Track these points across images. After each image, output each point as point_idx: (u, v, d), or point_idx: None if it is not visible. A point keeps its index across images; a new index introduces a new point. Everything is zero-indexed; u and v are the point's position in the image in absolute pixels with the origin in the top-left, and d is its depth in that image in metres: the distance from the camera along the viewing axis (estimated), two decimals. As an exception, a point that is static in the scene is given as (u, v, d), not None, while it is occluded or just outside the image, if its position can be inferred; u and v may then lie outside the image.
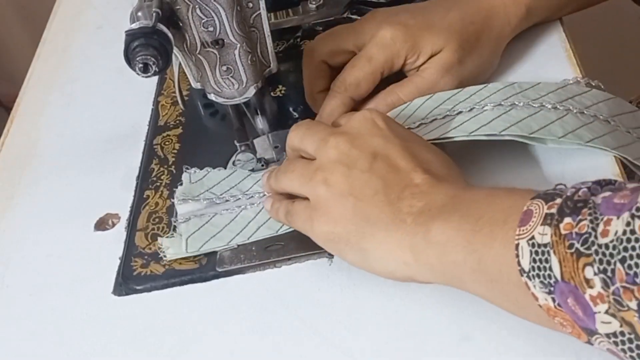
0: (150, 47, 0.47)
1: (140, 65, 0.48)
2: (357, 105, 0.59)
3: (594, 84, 0.57)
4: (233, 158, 0.61)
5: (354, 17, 0.71)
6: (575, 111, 0.53)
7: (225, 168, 0.61)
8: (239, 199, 0.58)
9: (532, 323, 0.44)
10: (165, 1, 0.49)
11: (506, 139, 0.52)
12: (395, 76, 0.59)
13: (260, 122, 0.57)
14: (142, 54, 0.47)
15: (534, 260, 0.38)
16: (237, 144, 0.58)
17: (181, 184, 0.60)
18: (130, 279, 0.56)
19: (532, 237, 0.38)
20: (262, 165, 0.59)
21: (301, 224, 0.50)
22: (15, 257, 0.61)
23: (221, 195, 0.59)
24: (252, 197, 0.58)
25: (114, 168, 0.66)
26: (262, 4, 0.52)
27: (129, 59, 0.48)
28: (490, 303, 0.44)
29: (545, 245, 0.38)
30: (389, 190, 0.46)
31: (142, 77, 0.48)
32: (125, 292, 0.55)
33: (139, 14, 0.48)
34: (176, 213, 0.58)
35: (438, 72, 0.57)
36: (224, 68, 0.53)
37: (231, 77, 0.54)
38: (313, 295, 0.51)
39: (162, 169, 0.63)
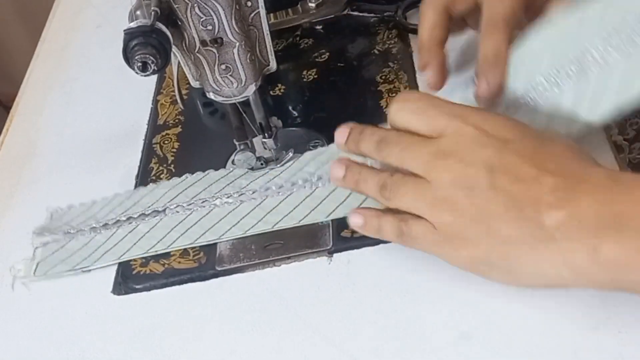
0: (149, 45, 0.47)
1: (139, 64, 0.48)
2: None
3: None
4: (232, 157, 0.61)
5: (354, 14, 0.71)
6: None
7: (225, 167, 0.61)
8: (94, 227, 0.59)
9: (531, 320, 0.44)
10: (164, 0, 0.49)
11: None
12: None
13: (267, 143, 0.58)
14: (141, 53, 0.47)
15: None
16: (236, 143, 0.58)
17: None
18: (129, 278, 0.56)
19: None
20: (262, 164, 0.59)
21: (428, 249, 0.47)
22: (15, 256, 0.61)
23: (77, 225, 0.59)
24: (106, 224, 0.59)
25: (113, 167, 0.65)
26: (261, 3, 0.52)
27: (128, 57, 0.48)
28: None
29: None
30: (521, 204, 0.42)
31: (141, 75, 0.48)
32: (124, 291, 0.55)
33: (138, 12, 0.48)
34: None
35: None
36: (223, 67, 0.53)
37: (230, 75, 0.54)
38: (312, 294, 0.51)
39: (161, 168, 0.63)
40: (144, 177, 0.63)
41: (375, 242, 0.52)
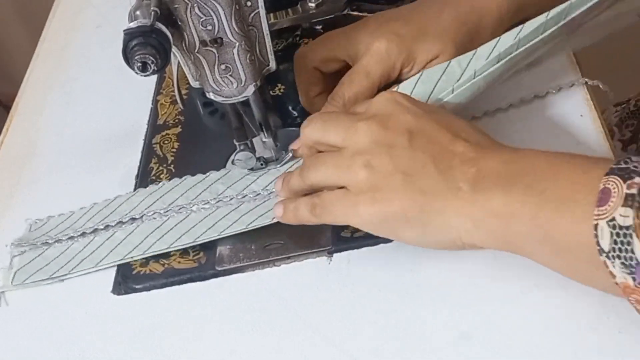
0: (148, 46, 0.47)
1: (139, 64, 0.48)
2: None
3: (591, 84, 0.57)
4: (232, 157, 0.61)
5: (354, 14, 0.71)
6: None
7: (225, 167, 0.61)
8: (72, 236, 0.59)
9: (531, 320, 0.44)
10: (163, 0, 0.49)
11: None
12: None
13: (266, 143, 0.58)
14: (141, 53, 0.47)
15: (615, 242, 0.38)
16: (236, 143, 0.58)
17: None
18: (129, 278, 0.56)
19: (613, 219, 0.38)
20: (262, 165, 0.59)
21: (341, 212, 0.48)
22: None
23: (55, 235, 0.59)
24: (84, 232, 0.59)
25: (113, 167, 0.66)
26: (261, 3, 0.52)
27: (128, 58, 0.48)
28: (549, 269, 0.44)
29: (627, 228, 0.38)
30: (437, 162, 0.46)
31: (141, 76, 0.48)
32: (124, 291, 0.56)
33: (138, 12, 0.48)
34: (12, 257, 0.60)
35: None
36: (223, 67, 0.53)
37: (230, 75, 0.54)
38: (312, 294, 0.51)
39: (161, 168, 0.63)
40: (144, 177, 0.63)
41: (375, 242, 0.52)
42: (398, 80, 0.58)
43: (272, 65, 0.56)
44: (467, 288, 0.48)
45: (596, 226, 0.39)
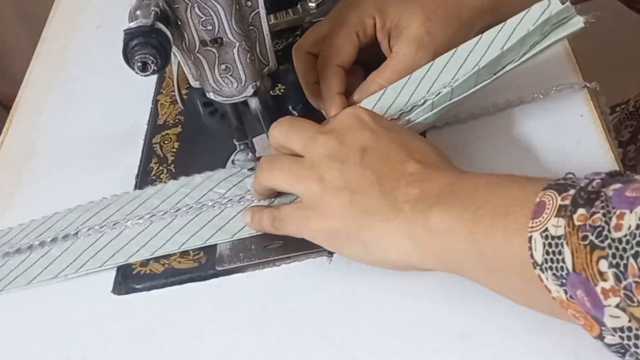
0: (149, 45, 0.47)
1: (139, 64, 0.48)
2: (346, 97, 0.59)
3: (590, 86, 0.57)
4: (232, 157, 0.61)
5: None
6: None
7: (225, 167, 0.61)
8: (8, 252, 0.59)
9: (531, 320, 0.44)
10: (164, 0, 0.49)
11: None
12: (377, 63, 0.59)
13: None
14: (141, 53, 0.47)
15: (547, 253, 0.38)
16: (236, 143, 0.58)
17: None
18: (129, 278, 0.56)
19: (546, 229, 0.38)
20: (262, 164, 0.59)
21: (294, 226, 0.50)
22: (15, 256, 0.61)
23: (16, 243, 0.60)
24: (19, 249, 0.59)
25: (113, 167, 0.66)
26: (261, 3, 0.52)
27: (128, 57, 0.48)
28: (491, 290, 0.44)
29: (559, 237, 0.38)
30: (384, 181, 0.47)
31: (141, 76, 0.48)
32: (124, 291, 0.56)
33: (138, 12, 0.48)
34: None
35: (410, 48, 0.57)
36: (223, 67, 0.53)
37: (230, 75, 0.54)
38: (312, 294, 0.51)
39: (161, 167, 0.63)
40: (144, 177, 0.63)
41: (375, 242, 0.52)
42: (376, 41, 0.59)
43: (273, 65, 0.56)
44: (467, 288, 0.48)
45: (530, 238, 0.39)
